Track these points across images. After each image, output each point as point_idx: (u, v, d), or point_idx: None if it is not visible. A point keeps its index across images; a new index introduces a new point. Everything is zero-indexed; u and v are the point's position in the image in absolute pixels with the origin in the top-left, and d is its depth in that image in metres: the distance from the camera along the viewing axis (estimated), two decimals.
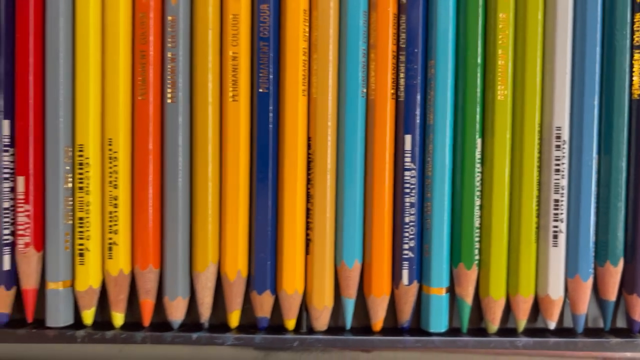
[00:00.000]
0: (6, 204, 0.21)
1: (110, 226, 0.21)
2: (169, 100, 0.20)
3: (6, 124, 0.21)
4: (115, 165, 0.21)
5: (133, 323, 0.21)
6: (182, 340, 0.21)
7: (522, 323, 0.21)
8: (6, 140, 0.21)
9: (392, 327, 0.22)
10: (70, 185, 0.21)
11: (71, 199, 0.21)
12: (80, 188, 0.21)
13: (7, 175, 0.21)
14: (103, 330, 0.21)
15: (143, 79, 0.20)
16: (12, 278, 0.21)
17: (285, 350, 0.22)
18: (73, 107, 0.20)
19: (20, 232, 0.21)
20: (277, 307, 0.21)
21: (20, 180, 0.21)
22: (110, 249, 0.21)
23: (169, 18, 0.20)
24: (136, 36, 0.20)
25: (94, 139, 0.21)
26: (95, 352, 0.22)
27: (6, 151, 0.21)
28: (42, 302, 0.21)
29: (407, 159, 0.21)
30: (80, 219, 0.21)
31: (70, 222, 0.21)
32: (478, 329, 0.22)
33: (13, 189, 0.21)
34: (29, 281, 0.21)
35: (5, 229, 0.21)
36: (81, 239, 0.21)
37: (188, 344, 0.21)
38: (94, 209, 0.21)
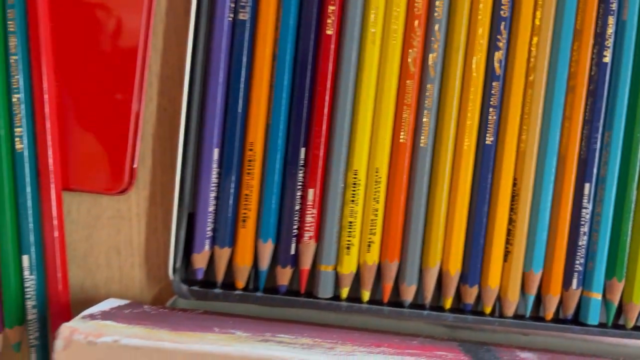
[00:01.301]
0: (296, 207, 0.29)
1: (371, 229, 0.29)
2: (421, 144, 0.29)
3: (303, 150, 0.29)
4: (379, 187, 0.29)
5: (371, 300, 0.30)
6: (415, 315, 0.29)
7: None
8: (301, 162, 0.29)
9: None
10: (342, 198, 0.29)
11: (343, 207, 0.29)
12: (352, 201, 0.29)
13: (299, 187, 0.29)
14: (354, 303, 0.29)
15: (405, 127, 0.29)
16: (294, 260, 0.29)
17: (477, 330, 0.30)
18: (352, 142, 0.29)
19: (306, 229, 0.29)
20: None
21: (310, 191, 0.29)
22: (369, 245, 0.29)
23: (428, 86, 0.29)
24: (401, 96, 0.29)
25: (365, 167, 0.29)
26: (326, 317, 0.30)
27: (301, 170, 0.29)
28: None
29: (585, 201, 0.29)
30: (350, 222, 0.29)
31: (339, 224, 0.29)
32: (615, 324, 0.30)
33: (303, 197, 0.29)
34: (307, 263, 0.29)
35: (294, 225, 0.29)
36: (349, 237, 0.29)
37: (419, 319, 0.29)
38: (359, 217, 0.29)
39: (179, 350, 0.24)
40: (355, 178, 0.29)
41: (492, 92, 0.29)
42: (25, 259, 0.28)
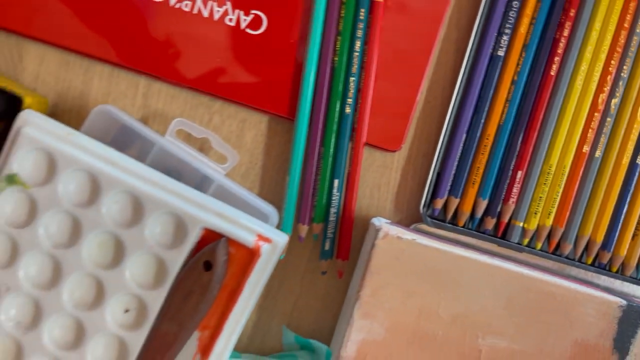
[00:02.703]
0: (507, 181, 0.44)
1: (552, 204, 0.44)
2: (596, 155, 0.44)
3: (519, 145, 0.44)
4: (563, 178, 0.44)
5: (540, 249, 0.45)
6: (569, 264, 0.44)
7: None
8: (517, 152, 0.44)
9: None
10: (538, 180, 0.44)
11: (537, 187, 0.44)
12: (544, 183, 0.44)
13: (512, 168, 0.44)
14: (530, 248, 0.45)
15: (587, 142, 0.44)
16: (498, 214, 0.45)
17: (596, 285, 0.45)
18: (552, 145, 0.44)
19: (511, 196, 0.44)
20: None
21: (519, 173, 0.44)
22: (549, 214, 0.44)
23: (607, 119, 0.44)
24: (588, 121, 0.44)
25: (556, 163, 0.44)
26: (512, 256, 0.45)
27: (515, 157, 0.44)
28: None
29: None
30: (540, 197, 0.44)
31: (532, 196, 0.44)
32: None
33: (512, 175, 0.44)
34: (506, 218, 0.45)
35: (504, 192, 0.44)
36: (537, 206, 0.44)
37: (570, 266, 0.44)
38: (546, 194, 0.44)
39: (453, 252, 0.40)
40: (549, 169, 0.44)
41: None
42: (336, 182, 0.44)
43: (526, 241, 0.45)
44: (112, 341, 0.40)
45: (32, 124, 0.38)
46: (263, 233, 0.39)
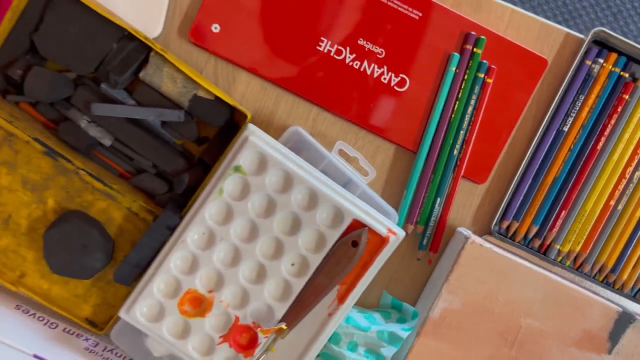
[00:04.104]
0: (554, 215, 0.64)
1: (583, 236, 0.64)
2: (618, 207, 0.63)
3: (568, 190, 0.63)
4: (593, 219, 0.63)
5: (568, 265, 0.65)
6: (587, 279, 0.64)
7: None
8: (565, 195, 0.63)
9: None
10: (576, 218, 0.64)
11: (574, 222, 0.64)
12: (579, 221, 0.64)
13: (559, 206, 0.64)
14: (561, 264, 0.64)
15: (614, 198, 0.63)
16: (543, 237, 0.64)
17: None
18: (589, 195, 0.63)
19: (555, 225, 0.64)
20: None
21: (563, 212, 0.64)
22: (578, 242, 0.64)
23: (631, 185, 0.63)
24: (617, 183, 0.63)
25: (591, 208, 0.63)
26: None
27: (563, 199, 0.63)
28: None
29: None
30: (574, 230, 0.64)
31: (570, 228, 0.64)
32: None
33: (559, 212, 0.64)
34: (548, 240, 0.64)
35: (550, 221, 0.64)
36: (572, 235, 0.64)
37: (586, 280, 0.64)
38: (580, 228, 0.64)
39: (513, 260, 0.59)
40: (584, 212, 0.64)
41: None
42: (438, 199, 0.63)
43: (559, 259, 0.65)
44: (282, 283, 0.60)
45: (254, 135, 0.58)
46: (391, 228, 0.59)
